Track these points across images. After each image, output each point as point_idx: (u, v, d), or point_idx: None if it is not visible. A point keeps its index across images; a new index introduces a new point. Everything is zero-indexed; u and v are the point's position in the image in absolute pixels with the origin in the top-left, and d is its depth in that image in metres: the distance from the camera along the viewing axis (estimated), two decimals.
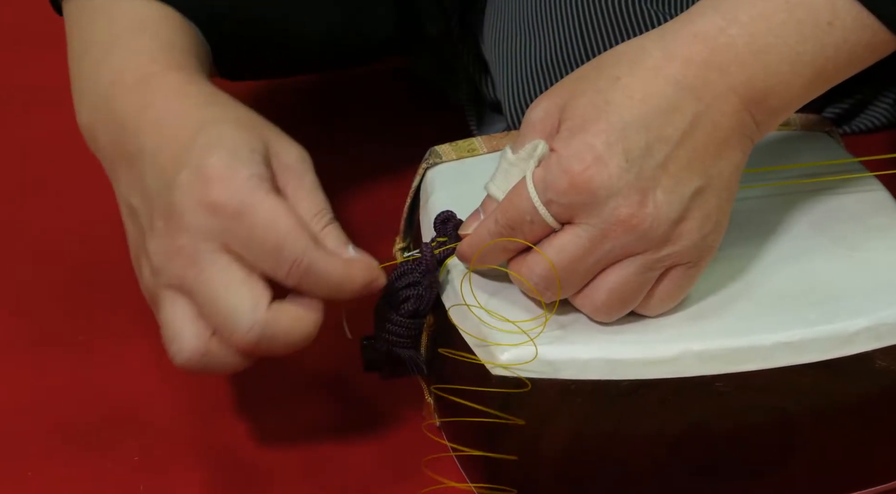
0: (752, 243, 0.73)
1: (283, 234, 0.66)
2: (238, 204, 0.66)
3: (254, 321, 0.66)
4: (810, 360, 0.68)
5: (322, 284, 0.68)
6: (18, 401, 0.79)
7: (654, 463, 0.69)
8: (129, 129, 0.71)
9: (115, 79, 0.72)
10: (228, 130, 0.69)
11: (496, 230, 0.68)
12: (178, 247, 0.67)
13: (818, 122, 0.80)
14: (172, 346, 0.68)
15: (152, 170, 0.69)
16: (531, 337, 0.67)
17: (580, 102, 0.66)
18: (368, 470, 0.74)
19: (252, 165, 0.67)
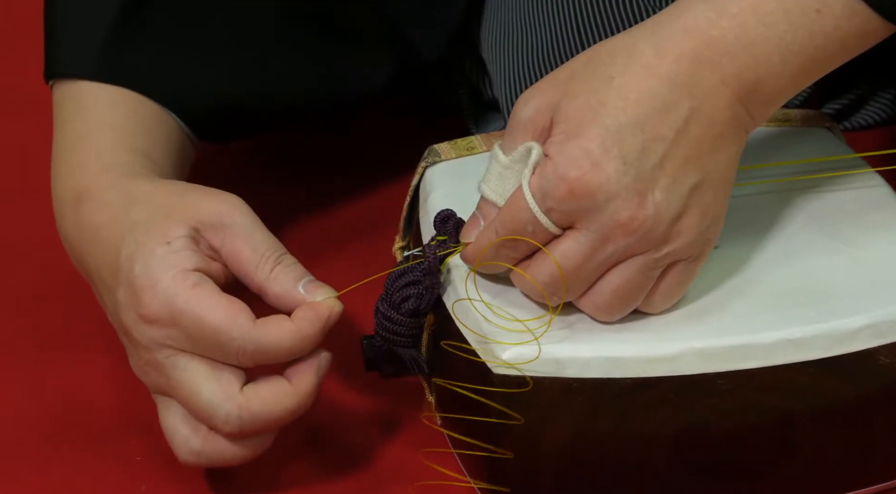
0: (752, 240, 0.73)
1: (214, 329, 0.68)
2: (168, 312, 0.68)
3: (228, 411, 0.68)
4: (811, 357, 0.68)
5: (277, 355, 0.69)
6: (20, 402, 0.79)
7: (655, 463, 0.69)
8: (76, 250, 0.74)
9: (61, 197, 0.75)
10: (144, 233, 0.70)
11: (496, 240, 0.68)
12: (145, 361, 0.70)
13: (819, 117, 0.80)
14: (173, 449, 0.71)
15: (103, 288, 0.72)
16: (536, 336, 0.67)
17: (574, 104, 0.66)
18: (370, 469, 0.74)
19: (172, 261, 0.69)
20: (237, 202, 0.71)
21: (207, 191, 0.72)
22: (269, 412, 0.69)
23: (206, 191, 0.72)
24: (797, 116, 0.80)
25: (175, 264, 0.69)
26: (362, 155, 0.95)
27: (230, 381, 0.68)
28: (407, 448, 0.75)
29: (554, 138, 0.66)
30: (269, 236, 0.71)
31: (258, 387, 0.69)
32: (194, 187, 0.73)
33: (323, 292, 0.70)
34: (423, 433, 0.76)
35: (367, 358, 0.73)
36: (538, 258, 0.67)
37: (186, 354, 0.69)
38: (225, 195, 0.72)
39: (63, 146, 0.76)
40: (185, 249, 0.69)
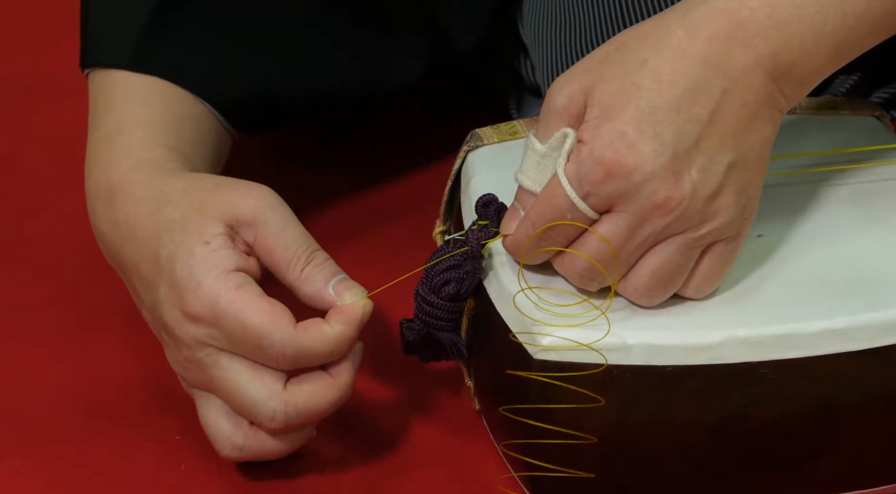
0: (798, 228, 0.72)
1: (255, 332, 0.68)
2: (211, 313, 0.69)
3: (273, 410, 0.69)
4: (857, 348, 0.67)
5: (315, 359, 0.70)
6: (62, 381, 0.79)
7: (695, 451, 0.68)
8: (111, 246, 0.74)
9: (94, 194, 0.75)
10: (181, 232, 0.70)
11: (534, 232, 0.68)
12: (185, 357, 0.70)
13: (867, 106, 0.79)
14: (214, 445, 0.71)
15: (142, 285, 0.72)
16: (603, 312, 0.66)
17: (607, 88, 0.66)
18: (405, 452, 0.74)
19: (213, 261, 0.69)
20: (269, 196, 0.71)
21: (238, 185, 0.72)
22: (314, 407, 0.69)
23: (237, 185, 0.72)
24: (845, 105, 0.79)
25: (216, 264, 0.69)
26: (402, 139, 0.95)
27: (273, 379, 0.69)
28: (443, 433, 0.75)
29: (588, 123, 0.66)
30: (301, 232, 0.71)
31: (301, 383, 0.70)
32: (226, 182, 0.73)
33: (352, 294, 0.70)
34: (459, 417, 0.76)
35: (405, 342, 0.73)
36: (577, 244, 0.67)
37: (227, 353, 0.69)
38: (255, 189, 0.72)
39: (96, 141, 0.76)
40: (224, 247, 0.70)
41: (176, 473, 0.74)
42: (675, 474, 0.69)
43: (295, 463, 0.74)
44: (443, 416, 0.76)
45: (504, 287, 0.70)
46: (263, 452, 0.71)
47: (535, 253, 0.68)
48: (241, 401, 0.69)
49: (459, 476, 0.73)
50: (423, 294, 0.71)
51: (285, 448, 0.71)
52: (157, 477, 0.73)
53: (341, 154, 0.94)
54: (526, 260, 0.68)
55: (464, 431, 0.75)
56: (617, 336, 0.67)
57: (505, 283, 0.70)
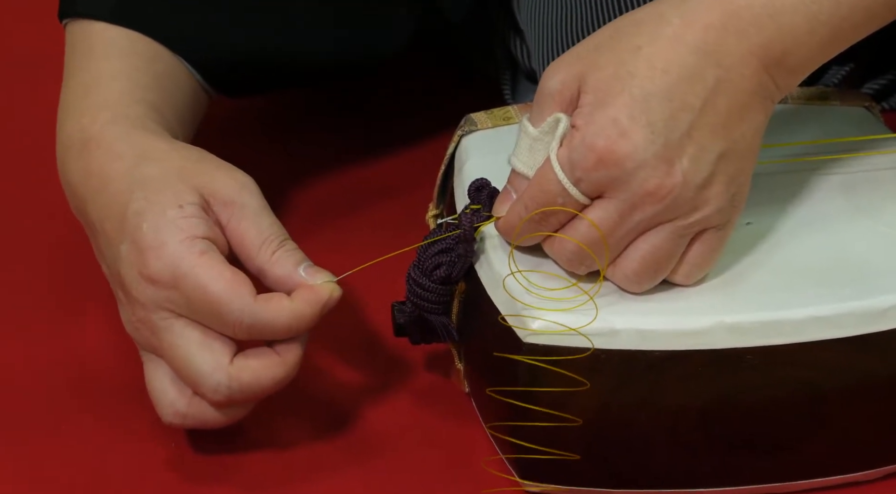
0: (786, 216, 0.72)
1: (215, 298, 0.68)
2: (170, 275, 0.68)
3: (217, 382, 0.68)
4: (843, 335, 0.67)
5: (272, 332, 0.69)
6: (52, 359, 0.79)
7: (681, 437, 0.69)
8: (79, 197, 0.73)
9: (66, 143, 0.74)
10: (155, 191, 0.70)
11: (526, 215, 0.68)
12: (138, 318, 0.70)
13: (858, 97, 0.80)
14: (157, 409, 0.71)
15: (104, 240, 0.72)
16: (591, 297, 0.66)
17: (601, 75, 0.66)
18: (396, 434, 0.74)
19: (182, 225, 0.69)
20: (249, 182, 0.71)
21: (221, 164, 0.72)
22: (258, 384, 0.69)
23: (221, 164, 0.72)
24: (836, 95, 0.80)
25: (185, 228, 0.69)
26: (396, 121, 0.95)
27: (222, 351, 0.69)
28: (433, 415, 0.75)
29: (581, 109, 0.66)
30: (275, 222, 0.71)
31: (248, 359, 0.69)
32: (209, 157, 0.73)
33: (322, 277, 0.70)
34: (449, 400, 0.76)
35: (396, 324, 0.73)
36: (568, 229, 0.68)
37: (182, 319, 0.69)
38: (239, 173, 0.72)
39: (72, 91, 0.75)
40: (196, 216, 0.69)
41: (167, 451, 0.74)
42: (662, 458, 0.69)
43: (284, 445, 0.74)
44: (433, 398, 0.76)
45: (495, 271, 0.70)
46: (205, 422, 0.70)
47: (526, 236, 0.69)
48: (186, 370, 0.69)
49: (449, 459, 0.73)
50: (414, 277, 0.72)
51: (227, 420, 0.70)
52: (148, 456, 0.74)
53: (335, 134, 0.94)
54: (517, 243, 0.69)
55: (453, 413, 0.75)
56: (605, 321, 0.67)
57: (496, 267, 0.70)
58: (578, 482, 0.70)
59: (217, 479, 0.72)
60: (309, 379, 0.77)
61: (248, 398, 0.70)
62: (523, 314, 0.68)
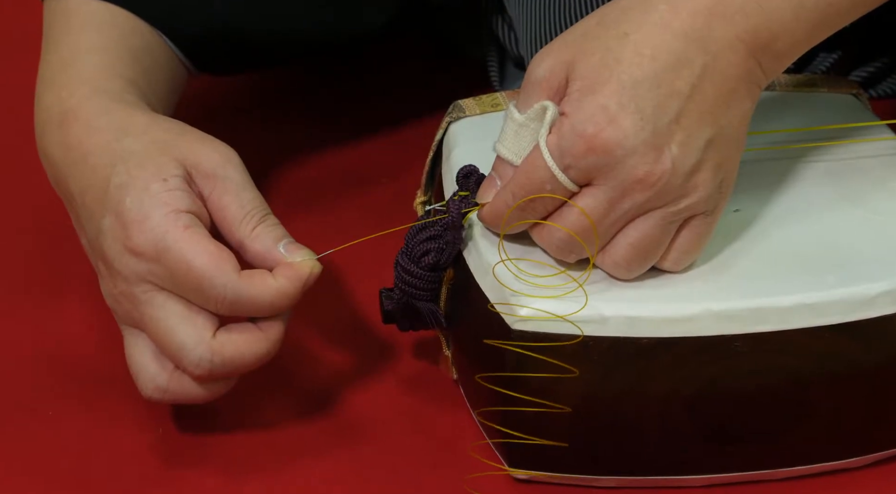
0: (773, 204, 0.72)
1: (199, 273, 0.68)
2: (154, 248, 0.68)
3: (200, 356, 0.68)
4: (828, 322, 0.68)
5: (254, 308, 0.69)
6: (39, 346, 0.79)
7: (669, 425, 0.69)
8: (58, 170, 0.73)
9: (45, 116, 0.74)
10: (137, 165, 0.70)
11: (513, 204, 0.68)
12: (120, 291, 0.70)
13: (846, 84, 0.80)
14: (136, 383, 0.71)
15: (84, 213, 0.71)
16: (581, 284, 0.66)
17: (589, 62, 0.66)
18: (384, 421, 0.75)
19: (166, 199, 0.68)
20: (232, 156, 0.71)
21: (203, 137, 0.72)
22: (240, 358, 0.69)
23: (203, 137, 0.72)
24: (824, 82, 0.80)
25: (168, 202, 0.68)
26: (383, 110, 0.94)
27: (204, 325, 0.69)
28: (420, 401, 0.75)
29: (570, 96, 0.66)
30: (258, 196, 0.71)
31: (230, 333, 0.69)
32: (191, 130, 0.72)
33: (302, 254, 0.70)
34: (437, 387, 0.76)
35: (384, 311, 0.73)
36: (557, 217, 0.68)
37: (164, 292, 0.69)
38: (221, 146, 0.72)
39: (50, 65, 0.75)
40: (180, 189, 0.69)
41: (151, 435, 0.74)
42: (650, 445, 0.69)
43: (270, 429, 0.74)
44: (420, 385, 0.76)
45: (483, 258, 0.70)
46: (186, 397, 0.70)
47: (514, 225, 0.69)
48: (168, 343, 0.68)
49: (436, 445, 0.73)
50: (402, 264, 0.72)
51: (208, 395, 0.70)
52: (132, 441, 0.74)
53: (323, 120, 0.94)
54: (504, 231, 0.69)
55: (441, 400, 0.75)
56: (593, 308, 0.67)
57: (484, 253, 0.70)
58: (566, 468, 0.70)
59: (202, 463, 0.72)
60: (297, 365, 0.77)
61: (230, 373, 0.70)
62: (511, 301, 0.68)
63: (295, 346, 0.78)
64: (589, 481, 0.71)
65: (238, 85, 0.95)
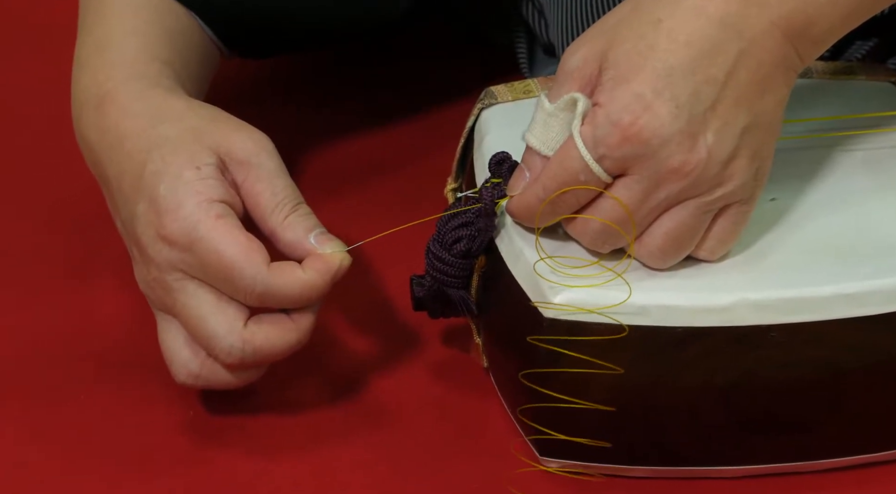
0: (810, 193, 0.72)
1: (229, 264, 0.68)
2: (186, 238, 0.68)
3: (231, 345, 0.68)
4: (867, 313, 0.67)
5: (284, 300, 0.69)
6: (69, 325, 0.79)
7: (703, 415, 0.68)
8: (95, 153, 0.73)
9: (82, 98, 0.74)
10: (172, 152, 0.70)
11: (545, 196, 0.67)
12: (153, 278, 0.70)
13: (884, 71, 0.79)
14: (170, 368, 0.71)
15: (120, 197, 0.71)
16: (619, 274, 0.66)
17: (622, 50, 0.65)
18: (413, 408, 0.74)
19: (199, 188, 0.68)
20: (266, 143, 0.71)
21: (238, 124, 0.72)
22: (270, 348, 0.69)
23: (237, 124, 0.72)
24: (861, 70, 0.79)
25: (202, 191, 0.69)
26: (411, 95, 0.94)
27: (235, 315, 0.69)
28: (450, 390, 0.75)
29: (604, 85, 0.66)
30: (291, 184, 0.71)
31: (261, 323, 0.69)
32: (226, 116, 0.72)
33: (332, 246, 0.70)
34: (467, 375, 0.76)
35: (415, 298, 0.73)
36: (590, 208, 0.67)
37: (196, 281, 0.69)
38: (256, 133, 0.71)
39: (87, 47, 0.75)
40: (213, 177, 0.69)
41: (182, 417, 0.74)
42: (683, 435, 0.69)
43: (299, 413, 0.74)
44: (450, 372, 0.76)
45: (515, 245, 0.70)
46: (218, 383, 0.70)
47: (548, 222, 0.68)
48: (200, 331, 0.69)
49: (466, 434, 0.73)
50: (434, 251, 0.71)
51: (239, 382, 0.71)
52: (163, 422, 0.74)
53: (347, 102, 0.93)
54: (539, 226, 0.68)
55: (471, 388, 0.75)
56: (630, 298, 0.67)
57: (516, 241, 0.70)
58: (598, 458, 0.70)
59: (231, 445, 0.73)
60: (327, 351, 0.77)
61: (260, 362, 0.70)
62: (544, 289, 0.67)
63: (325, 332, 0.78)
64: (621, 471, 0.70)
65: (267, 71, 0.95)
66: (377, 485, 0.71)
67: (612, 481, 0.70)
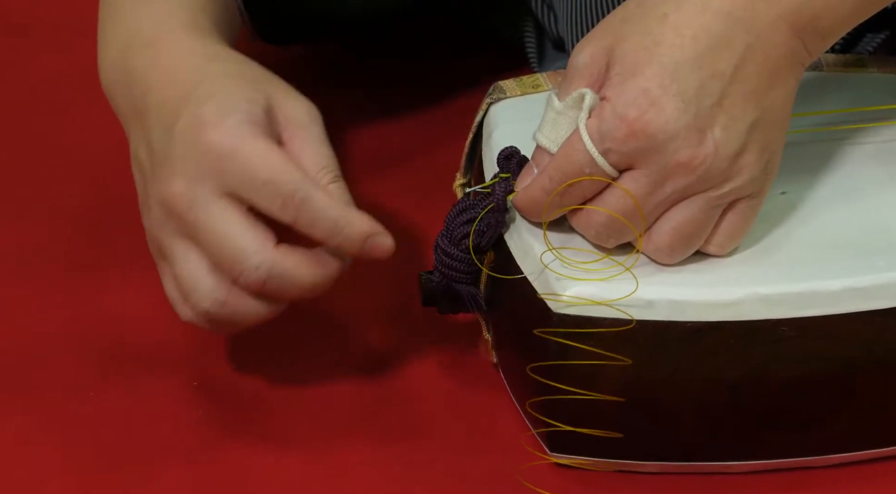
0: (821, 186, 0.72)
1: (275, 168, 0.67)
2: (230, 144, 0.67)
3: (261, 259, 0.67)
4: (878, 307, 0.67)
5: (320, 222, 0.68)
6: (77, 326, 0.79)
7: (713, 410, 0.68)
8: (138, 86, 0.72)
9: (129, 41, 0.73)
10: (226, 82, 0.70)
11: (551, 188, 0.67)
12: (178, 193, 0.68)
13: (895, 64, 0.79)
14: (191, 299, 0.69)
15: (157, 123, 0.70)
16: (627, 268, 0.66)
17: (629, 45, 0.65)
18: (422, 403, 0.74)
19: (245, 113, 0.68)
20: (316, 112, 0.71)
21: (291, 88, 0.72)
22: (296, 276, 0.68)
23: (291, 88, 0.72)
24: (873, 62, 0.79)
25: (249, 116, 0.68)
26: (419, 89, 0.94)
27: (265, 235, 0.68)
28: (460, 385, 0.75)
29: (611, 81, 0.66)
30: (334, 155, 0.70)
31: (292, 249, 0.68)
32: (281, 80, 0.72)
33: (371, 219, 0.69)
34: (476, 370, 0.76)
35: (424, 293, 0.73)
36: (597, 201, 0.67)
37: (227, 198, 0.68)
38: (309, 102, 0.71)
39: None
40: (261, 117, 0.69)
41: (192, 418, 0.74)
42: (693, 430, 0.69)
43: (310, 410, 0.74)
44: (460, 368, 0.76)
45: (524, 241, 0.69)
46: (243, 311, 0.69)
47: (554, 213, 0.68)
48: (228, 248, 0.67)
49: (476, 429, 0.73)
50: (442, 246, 0.71)
51: (261, 314, 0.69)
52: (172, 425, 0.74)
53: (355, 97, 0.93)
54: (545, 218, 0.68)
55: (481, 384, 0.75)
56: (638, 292, 0.66)
57: (525, 237, 0.69)
58: (608, 454, 0.69)
59: (240, 443, 0.72)
60: (336, 346, 0.77)
61: (281, 291, 0.68)
62: (554, 284, 0.67)
63: (334, 327, 0.78)
64: (631, 466, 0.70)
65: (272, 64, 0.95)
66: (388, 482, 0.71)
67: (621, 476, 0.70)
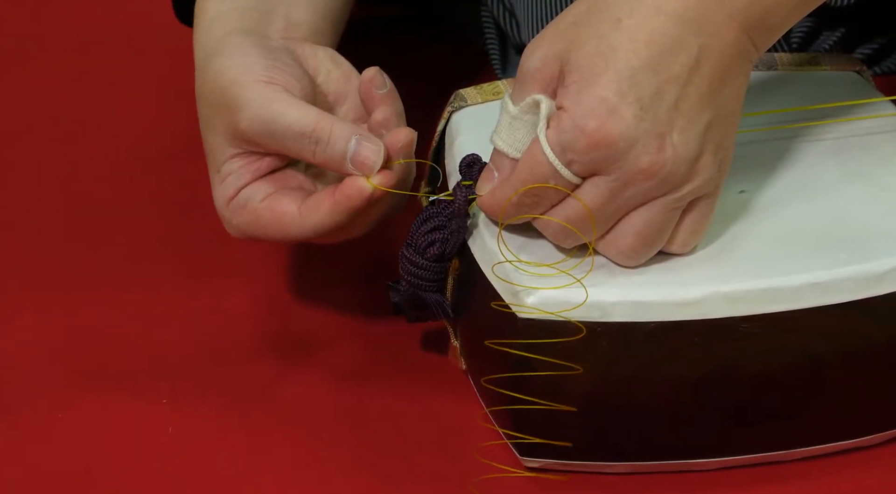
0: (779, 183, 0.72)
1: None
2: None
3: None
4: (840, 300, 0.67)
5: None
6: (48, 343, 0.79)
7: (680, 408, 0.68)
8: None
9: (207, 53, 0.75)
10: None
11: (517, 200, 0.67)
12: None
13: (849, 61, 0.79)
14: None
15: None
16: (578, 279, 0.66)
17: (583, 52, 0.65)
18: (393, 410, 0.75)
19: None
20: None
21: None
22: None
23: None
24: (826, 60, 0.79)
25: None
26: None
27: None
28: (430, 392, 0.75)
29: (567, 89, 0.66)
30: None
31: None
32: None
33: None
34: (446, 377, 0.76)
35: (392, 303, 0.73)
36: (558, 206, 0.67)
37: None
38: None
39: None
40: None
41: (164, 436, 0.74)
42: (662, 430, 0.69)
43: (280, 420, 0.74)
44: (429, 375, 0.76)
45: (488, 248, 0.70)
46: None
47: (513, 219, 0.68)
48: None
49: (447, 436, 0.73)
50: (408, 255, 0.71)
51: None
52: (145, 440, 0.74)
53: None
54: (504, 223, 0.68)
55: (450, 390, 0.75)
56: (600, 295, 0.67)
57: (488, 244, 0.70)
58: (578, 456, 0.70)
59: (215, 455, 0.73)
60: (305, 356, 0.77)
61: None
62: (517, 291, 0.67)
63: (304, 337, 0.78)
64: (601, 467, 0.71)
65: None
66: (361, 490, 0.71)
67: (592, 477, 0.71)
